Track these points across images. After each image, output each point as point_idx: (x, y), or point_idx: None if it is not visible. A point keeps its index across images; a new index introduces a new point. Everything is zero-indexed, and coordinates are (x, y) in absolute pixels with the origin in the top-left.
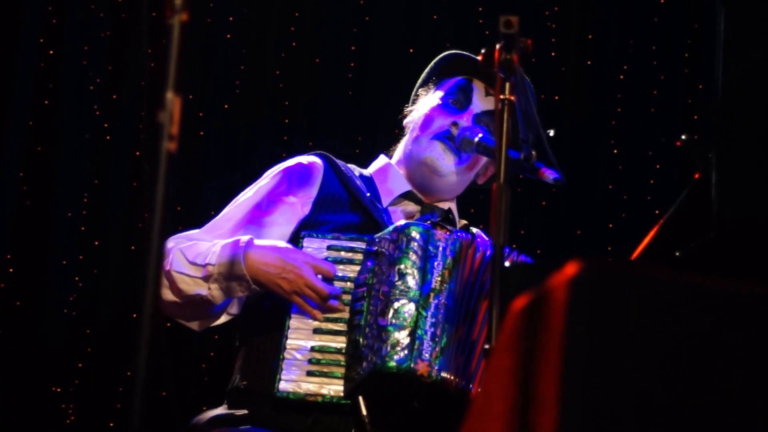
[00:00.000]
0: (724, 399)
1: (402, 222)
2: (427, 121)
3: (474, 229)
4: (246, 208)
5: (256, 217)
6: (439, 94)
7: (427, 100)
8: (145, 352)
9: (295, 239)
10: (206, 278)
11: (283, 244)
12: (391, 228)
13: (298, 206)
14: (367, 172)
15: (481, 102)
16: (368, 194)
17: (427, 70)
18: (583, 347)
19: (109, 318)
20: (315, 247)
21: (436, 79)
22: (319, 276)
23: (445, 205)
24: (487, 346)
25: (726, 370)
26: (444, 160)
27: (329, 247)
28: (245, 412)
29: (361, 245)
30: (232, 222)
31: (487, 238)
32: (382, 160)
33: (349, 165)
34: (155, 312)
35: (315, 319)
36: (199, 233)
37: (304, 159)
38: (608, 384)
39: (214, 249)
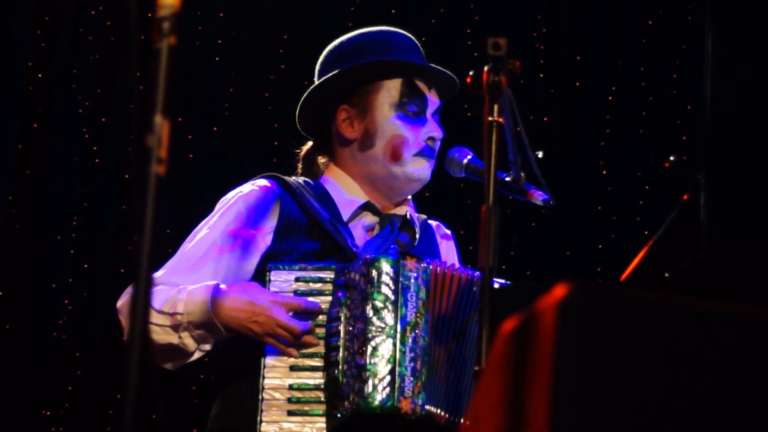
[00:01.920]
0: (715, 420)
1: (371, 254)
2: (403, 141)
3: (433, 222)
4: (206, 246)
5: (218, 255)
6: (386, 103)
7: (379, 115)
8: (135, 375)
9: (261, 272)
10: (175, 327)
11: (250, 285)
12: (360, 260)
13: (259, 239)
14: (319, 186)
15: (431, 99)
16: (327, 216)
17: (344, 69)
18: (572, 370)
19: (98, 341)
20: (282, 279)
21: (367, 81)
22: (291, 312)
23: (402, 210)
24: (477, 368)
25: (716, 391)
26: (429, 171)
27: (297, 279)
28: None
29: (330, 275)
30: (192, 261)
31: (449, 232)
32: (332, 171)
33: (300, 180)
34: (144, 335)
35: (291, 356)
36: (162, 276)
37: (257, 185)
38: (598, 406)
39: (181, 297)
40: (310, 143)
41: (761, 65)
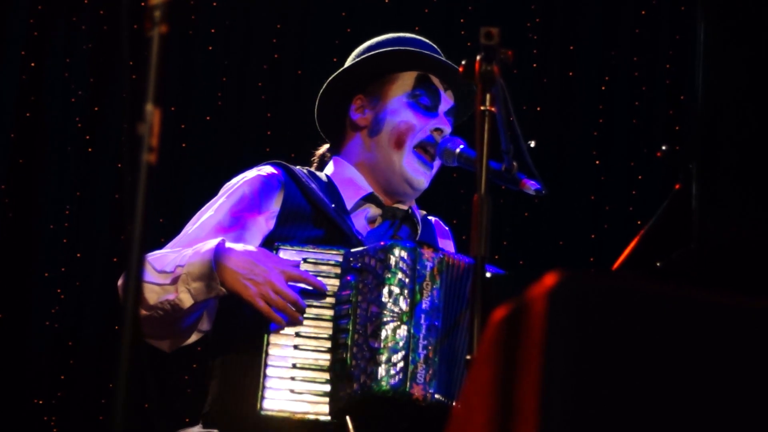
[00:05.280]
0: (705, 410)
1: (386, 241)
2: (410, 128)
3: (432, 218)
4: (209, 227)
5: (222, 236)
6: (399, 92)
7: (391, 103)
8: (127, 364)
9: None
10: (174, 281)
11: (256, 248)
12: (376, 245)
13: (262, 222)
14: (324, 175)
15: (446, 98)
16: (333, 205)
17: (364, 56)
18: (562, 358)
19: (91, 330)
20: (291, 259)
21: (384, 72)
22: (292, 284)
23: (405, 205)
24: (468, 357)
25: (705, 380)
26: (423, 176)
27: (305, 260)
28: None
29: (338, 258)
30: (196, 242)
31: (447, 229)
32: (338, 161)
33: (305, 169)
34: (136, 324)
35: (279, 327)
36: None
37: (263, 171)
38: (588, 395)
39: (185, 253)
40: (326, 145)
41: (753, 55)
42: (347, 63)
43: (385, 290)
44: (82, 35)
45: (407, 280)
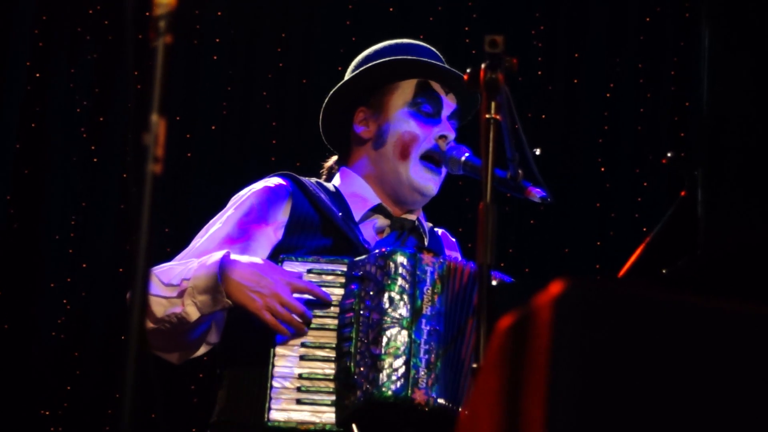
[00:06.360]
0: (712, 417)
1: (387, 248)
2: (414, 138)
3: (439, 230)
4: (218, 239)
5: (230, 247)
6: (400, 102)
7: (393, 114)
8: (133, 374)
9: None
10: (180, 294)
11: (261, 260)
12: (376, 253)
13: (270, 232)
14: (332, 186)
15: (447, 102)
16: (340, 214)
17: (362, 68)
18: (568, 366)
19: (97, 341)
20: (295, 270)
21: (384, 82)
22: (298, 296)
23: (412, 216)
24: (474, 365)
25: (713, 388)
26: (431, 183)
27: (310, 271)
28: None
29: (343, 268)
30: (204, 254)
31: (454, 240)
32: (345, 173)
33: (313, 180)
34: (142, 335)
35: (283, 336)
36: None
37: (271, 182)
38: (594, 403)
39: (191, 266)
40: (334, 157)
41: (758, 61)
42: (347, 75)
43: (386, 296)
44: (86, 45)
45: (407, 285)
